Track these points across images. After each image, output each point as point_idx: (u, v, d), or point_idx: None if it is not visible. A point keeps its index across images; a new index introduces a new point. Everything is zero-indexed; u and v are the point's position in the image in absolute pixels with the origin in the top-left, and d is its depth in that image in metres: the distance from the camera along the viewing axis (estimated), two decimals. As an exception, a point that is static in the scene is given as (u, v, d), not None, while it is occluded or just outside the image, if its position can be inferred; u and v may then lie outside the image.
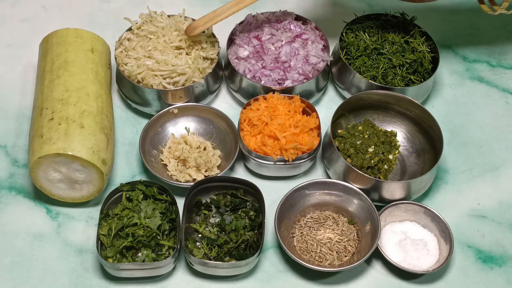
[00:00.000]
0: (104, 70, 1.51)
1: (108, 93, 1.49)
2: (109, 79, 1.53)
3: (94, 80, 1.45)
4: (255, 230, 1.36)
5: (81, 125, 1.35)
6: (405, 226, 1.40)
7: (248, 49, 1.56)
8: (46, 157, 1.31)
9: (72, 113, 1.37)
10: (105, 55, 1.54)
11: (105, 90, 1.48)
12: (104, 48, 1.55)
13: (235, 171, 1.50)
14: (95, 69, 1.48)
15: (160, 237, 1.33)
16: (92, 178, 1.35)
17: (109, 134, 1.41)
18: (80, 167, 1.33)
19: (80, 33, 1.52)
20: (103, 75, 1.50)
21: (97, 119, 1.39)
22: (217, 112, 1.50)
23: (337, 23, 1.69)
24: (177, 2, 1.81)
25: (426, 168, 1.45)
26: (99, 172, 1.33)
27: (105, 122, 1.41)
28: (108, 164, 1.37)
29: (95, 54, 1.51)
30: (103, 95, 1.46)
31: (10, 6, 1.80)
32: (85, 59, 1.48)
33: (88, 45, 1.51)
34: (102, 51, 1.54)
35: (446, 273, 1.37)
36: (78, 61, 1.47)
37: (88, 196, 1.39)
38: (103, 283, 1.33)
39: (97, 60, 1.50)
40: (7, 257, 1.36)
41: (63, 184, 1.36)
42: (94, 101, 1.41)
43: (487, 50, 1.76)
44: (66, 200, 1.39)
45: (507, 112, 1.64)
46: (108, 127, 1.42)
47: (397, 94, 1.49)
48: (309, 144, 1.42)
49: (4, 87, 1.62)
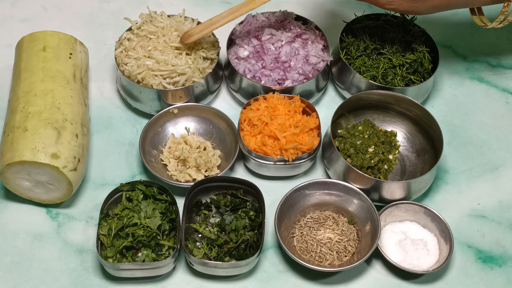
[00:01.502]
0: (61, 63, 1.50)
1: (65, 84, 1.46)
2: (71, 69, 1.51)
3: (44, 78, 1.45)
4: (255, 230, 1.36)
5: (25, 128, 1.35)
6: (405, 226, 1.40)
7: (248, 49, 1.56)
8: (4, 171, 1.33)
9: (18, 119, 1.37)
10: (63, 47, 1.53)
11: (60, 83, 1.46)
12: (61, 41, 1.54)
13: (235, 171, 1.50)
14: (47, 66, 1.47)
15: (160, 237, 1.33)
16: (53, 175, 1.34)
17: (62, 126, 1.38)
18: (36, 169, 1.33)
19: (33, 36, 1.53)
20: (59, 68, 1.48)
21: (43, 116, 1.37)
22: (217, 112, 1.50)
23: (337, 23, 1.69)
24: (177, 2, 1.81)
25: (426, 168, 1.45)
26: (53, 167, 1.32)
27: (56, 115, 1.39)
28: (63, 156, 1.34)
29: (47, 51, 1.50)
30: (56, 88, 1.44)
31: (10, 6, 1.80)
32: (36, 60, 1.48)
33: (40, 45, 1.51)
34: (58, 45, 1.52)
35: (446, 273, 1.37)
36: (30, 65, 1.47)
37: (67, 191, 1.37)
38: (103, 283, 1.33)
39: (50, 56, 1.49)
40: (7, 257, 1.36)
41: (40, 189, 1.37)
42: (41, 99, 1.41)
43: (487, 50, 1.76)
44: (55, 201, 1.40)
45: (507, 112, 1.64)
46: (61, 119, 1.39)
47: (397, 94, 1.49)
48: (309, 144, 1.42)
49: (4, 87, 1.62)
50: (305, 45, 1.57)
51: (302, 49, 1.55)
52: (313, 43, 1.58)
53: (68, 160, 1.35)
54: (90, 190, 1.46)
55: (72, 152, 1.36)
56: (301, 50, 1.55)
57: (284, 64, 1.53)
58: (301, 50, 1.55)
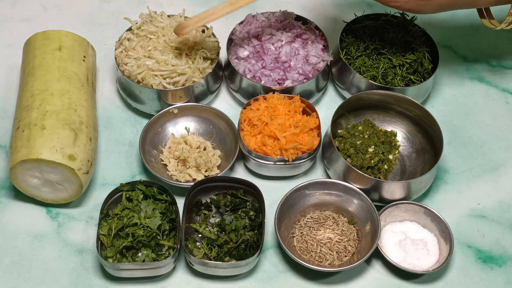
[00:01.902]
0: (75, 65, 1.49)
1: (80, 87, 1.47)
2: (84, 72, 1.51)
3: (60, 78, 1.44)
4: (255, 230, 1.36)
5: (42, 126, 1.35)
6: (405, 226, 1.40)
7: (248, 49, 1.56)
8: (16, 166, 1.32)
9: (35, 116, 1.37)
10: (78, 49, 1.53)
11: (75, 85, 1.46)
12: (75, 43, 1.54)
13: (235, 171, 1.50)
14: (62, 66, 1.47)
15: (160, 237, 1.33)
16: (66, 176, 1.34)
17: (79, 129, 1.38)
18: (50, 168, 1.33)
19: (47, 34, 1.52)
20: (74, 70, 1.48)
21: (60, 117, 1.37)
22: (217, 112, 1.50)
23: (337, 23, 1.69)
24: (177, 2, 1.81)
25: (426, 168, 1.45)
26: (69, 168, 1.32)
27: (73, 117, 1.39)
28: (79, 158, 1.34)
29: (63, 51, 1.50)
30: (72, 90, 1.44)
31: (10, 6, 1.80)
32: (52, 59, 1.47)
33: (55, 44, 1.50)
34: (72, 46, 1.52)
35: (446, 273, 1.37)
36: (45, 63, 1.47)
37: (75, 193, 1.38)
38: (103, 283, 1.33)
39: (66, 56, 1.49)
40: (7, 257, 1.36)
41: (48, 188, 1.37)
42: (58, 99, 1.40)
43: (487, 50, 1.76)
44: (59, 202, 1.40)
45: (507, 112, 1.64)
46: (77, 121, 1.39)
47: (397, 94, 1.49)
48: (309, 144, 1.42)
49: (4, 87, 1.62)
50: (305, 45, 1.57)
51: (302, 49, 1.55)
52: (313, 43, 1.58)
53: (83, 163, 1.35)
54: (90, 190, 1.46)
55: (86, 155, 1.37)
56: (301, 50, 1.55)
57: (284, 64, 1.53)
58: (301, 50, 1.55)
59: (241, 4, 1.43)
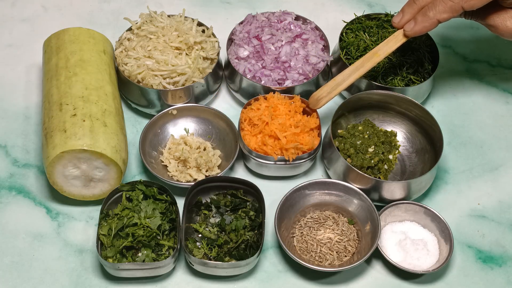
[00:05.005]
0: (114, 73, 1.52)
1: (118, 95, 1.50)
2: (116, 81, 1.52)
3: (109, 81, 1.46)
4: (255, 230, 1.36)
5: (104, 123, 1.36)
6: (405, 226, 1.40)
7: (248, 49, 1.56)
8: (71, 152, 1.30)
9: (95, 111, 1.37)
10: (111, 57, 1.54)
11: (117, 93, 1.49)
12: (112, 51, 1.56)
13: (235, 171, 1.50)
14: (108, 70, 1.48)
15: (160, 237, 1.33)
16: (110, 177, 1.36)
17: (124, 135, 1.42)
18: (102, 165, 1.33)
19: (92, 34, 1.53)
20: (114, 77, 1.51)
21: (116, 119, 1.40)
22: (216, 112, 1.50)
23: (337, 23, 1.69)
24: (177, 2, 1.81)
25: (426, 168, 1.45)
26: (119, 171, 1.34)
27: (122, 123, 1.43)
28: (126, 164, 1.39)
29: (107, 56, 1.51)
30: (118, 97, 1.47)
31: (10, 6, 1.80)
32: (99, 60, 1.48)
33: (100, 46, 1.51)
34: (111, 53, 1.55)
35: (446, 273, 1.37)
36: (94, 60, 1.47)
37: (100, 194, 1.39)
38: (103, 283, 1.33)
39: (109, 61, 1.51)
40: (7, 257, 1.36)
41: (78, 181, 1.36)
42: (112, 101, 1.43)
43: (487, 50, 1.76)
44: (76, 197, 1.39)
45: (507, 112, 1.64)
46: (123, 127, 1.43)
47: (397, 94, 1.49)
48: (310, 144, 1.42)
49: (4, 87, 1.62)
50: (305, 45, 1.57)
51: (302, 49, 1.55)
52: (313, 43, 1.58)
53: (124, 168, 1.38)
54: (90, 190, 1.46)
55: (127, 161, 1.40)
56: (301, 50, 1.55)
57: (284, 64, 1.53)
58: (301, 50, 1.55)
59: (368, 67, 1.44)
